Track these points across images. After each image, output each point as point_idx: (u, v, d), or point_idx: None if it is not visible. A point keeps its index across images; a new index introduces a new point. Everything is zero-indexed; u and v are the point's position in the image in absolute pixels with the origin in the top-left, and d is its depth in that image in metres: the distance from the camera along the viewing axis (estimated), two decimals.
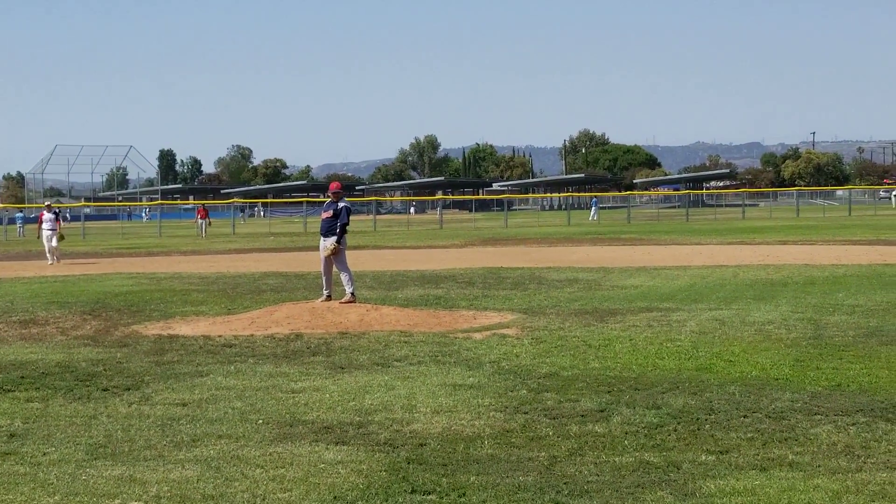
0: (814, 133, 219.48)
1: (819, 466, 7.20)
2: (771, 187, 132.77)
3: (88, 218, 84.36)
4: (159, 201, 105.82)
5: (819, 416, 8.69)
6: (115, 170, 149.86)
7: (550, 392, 9.92)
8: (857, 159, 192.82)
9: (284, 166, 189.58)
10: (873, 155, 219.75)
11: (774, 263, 26.00)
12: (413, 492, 6.80)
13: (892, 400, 9.28)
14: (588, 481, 6.96)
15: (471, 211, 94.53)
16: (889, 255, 28.15)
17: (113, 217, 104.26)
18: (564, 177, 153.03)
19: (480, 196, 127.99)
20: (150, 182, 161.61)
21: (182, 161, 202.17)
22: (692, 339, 13.22)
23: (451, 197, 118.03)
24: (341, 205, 16.68)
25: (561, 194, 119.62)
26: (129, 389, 10.46)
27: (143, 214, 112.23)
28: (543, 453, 7.69)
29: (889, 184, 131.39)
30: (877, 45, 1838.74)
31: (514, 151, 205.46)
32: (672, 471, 7.18)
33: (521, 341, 13.29)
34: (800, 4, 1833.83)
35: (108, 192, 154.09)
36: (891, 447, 7.68)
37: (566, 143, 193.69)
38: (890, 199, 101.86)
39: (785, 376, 10.55)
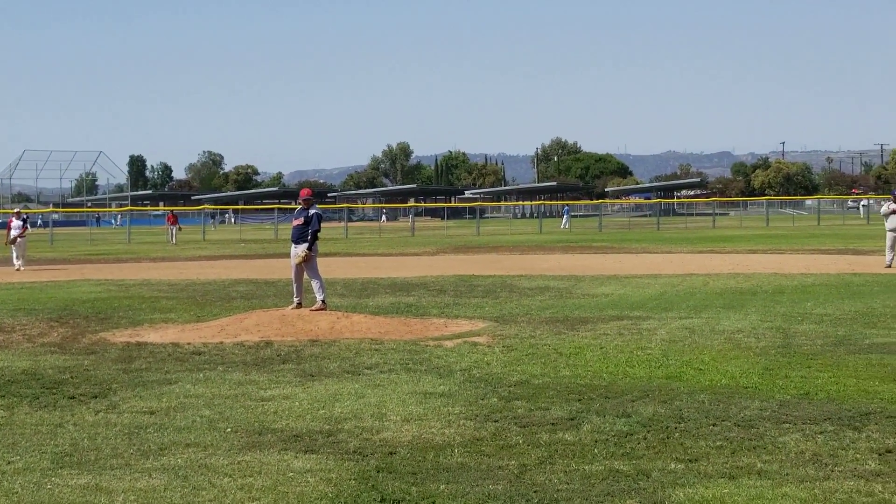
0: (783, 143, 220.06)
1: (787, 475, 7.23)
2: (741, 196, 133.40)
3: (57, 224, 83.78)
4: (129, 207, 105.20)
5: (787, 425, 8.72)
6: (84, 175, 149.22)
7: (521, 400, 9.92)
8: (826, 169, 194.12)
9: (256, 173, 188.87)
10: (842, 165, 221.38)
11: (744, 272, 26.13)
12: (382, 500, 6.78)
13: (859, 408, 9.34)
14: (558, 490, 6.95)
15: (443, 218, 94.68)
16: (857, 265, 28.36)
17: (82, 223, 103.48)
18: (536, 185, 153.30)
19: (452, 204, 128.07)
20: (120, 188, 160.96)
21: (152, 167, 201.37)
22: (662, 347, 13.26)
23: (423, 204, 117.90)
24: (312, 212, 16.63)
25: (533, 202, 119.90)
26: (96, 397, 10.37)
27: (114, 221, 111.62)
28: (513, 462, 7.68)
29: (857, 194, 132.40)
30: (846, 56, 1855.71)
31: (486, 159, 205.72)
32: (641, 479, 7.18)
33: (492, 349, 13.29)
34: (768, 15, 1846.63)
35: (77, 198, 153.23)
36: (858, 455, 7.72)
37: (538, 151, 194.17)
38: (858, 208, 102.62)
39: (754, 385, 10.59)
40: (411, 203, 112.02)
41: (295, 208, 18.72)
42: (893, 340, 13.63)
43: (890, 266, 26.62)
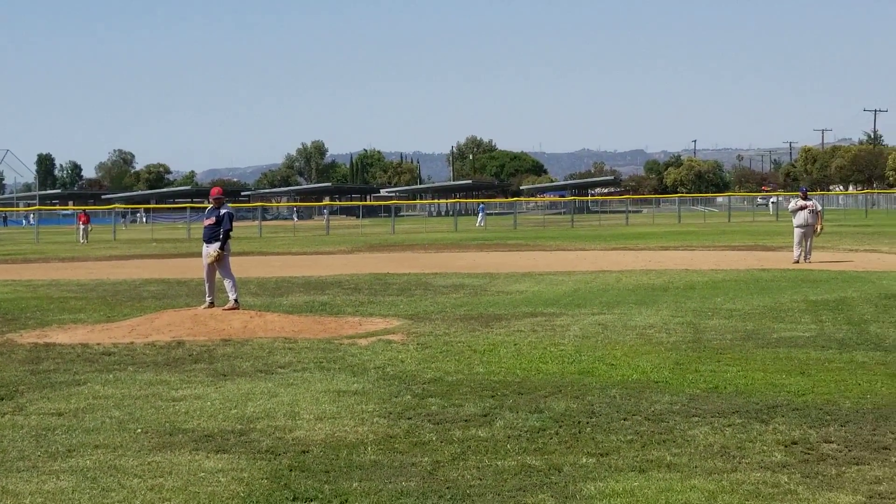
0: (695, 141, 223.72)
1: (696, 467, 7.34)
2: (654, 194, 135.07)
3: None
4: (37, 207, 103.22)
5: (697, 418, 8.86)
6: None
7: (435, 397, 9.94)
8: (736, 167, 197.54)
9: (168, 172, 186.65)
10: (752, 162, 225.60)
11: (656, 269, 26.45)
12: (295, 499, 6.75)
13: (766, 401, 9.51)
14: (470, 486, 6.98)
15: (358, 217, 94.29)
16: (766, 261, 28.87)
17: None
18: (452, 183, 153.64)
19: (368, 202, 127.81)
20: (28, 187, 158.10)
21: (61, 166, 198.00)
22: (575, 343, 13.37)
23: (338, 203, 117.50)
24: (223, 211, 16.50)
25: (448, 200, 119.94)
26: (2, 399, 10.16)
27: (25, 221, 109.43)
28: (427, 458, 7.69)
29: (767, 191, 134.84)
30: (756, 56, 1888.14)
31: (401, 157, 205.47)
32: (553, 474, 7.24)
33: (407, 347, 13.29)
34: (678, 15, 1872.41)
35: None
36: (765, 447, 7.86)
37: (454, 149, 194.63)
38: (768, 205, 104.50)
39: (664, 379, 10.73)
40: (326, 202, 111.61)
41: (207, 207, 18.52)
42: (800, 334, 13.92)
43: (798, 262, 27.15)
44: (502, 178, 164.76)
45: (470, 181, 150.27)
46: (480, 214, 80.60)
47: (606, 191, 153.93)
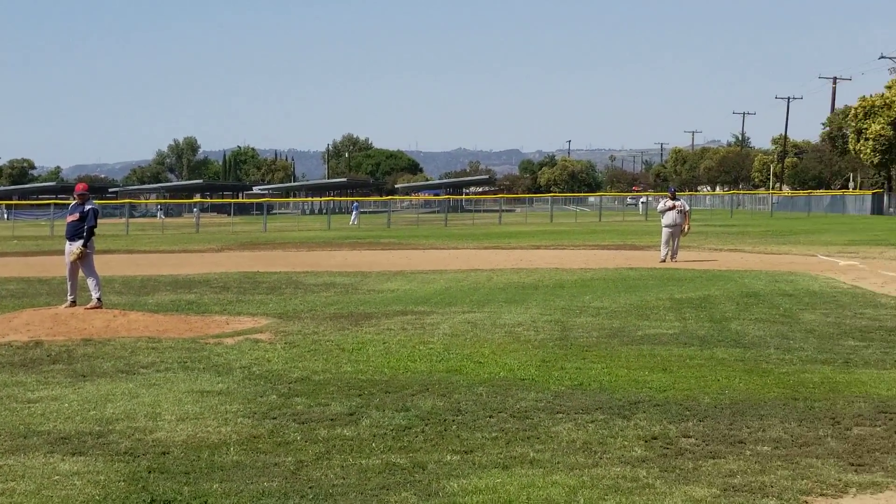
0: (570, 141, 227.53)
1: (558, 463, 7.41)
2: (527, 193, 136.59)
3: None
4: None
5: (561, 415, 8.94)
6: None
7: (301, 397, 9.85)
8: (609, 167, 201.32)
9: (32, 167, 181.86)
10: (624, 163, 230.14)
11: (527, 267, 26.68)
12: (153, 501, 6.62)
13: (629, 398, 9.66)
14: (334, 485, 6.93)
15: (230, 214, 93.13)
16: (634, 260, 29.37)
17: None
18: (326, 181, 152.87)
19: (240, 199, 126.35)
20: None
21: None
22: (444, 341, 13.39)
23: (208, 200, 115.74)
24: (88, 207, 16.10)
25: (322, 198, 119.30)
26: None
27: None
28: (290, 458, 7.61)
29: (637, 191, 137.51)
30: (629, 58, 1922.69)
31: (276, 155, 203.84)
32: (417, 471, 7.23)
33: (274, 346, 13.14)
34: (553, 17, 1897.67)
35: None
36: (626, 443, 7.98)
37: (329, 147, 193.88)
38: (637, 205, 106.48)
39: (531, 377, 10.82)
40: (197, 199, 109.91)
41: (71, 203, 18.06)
42: (664, 332, 14.18)
43: (664, 261, 27.68)
44: (378, 176, 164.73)
45: (345, 179, 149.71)
46: (354, 213, 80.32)
47: (481, 190, 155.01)
